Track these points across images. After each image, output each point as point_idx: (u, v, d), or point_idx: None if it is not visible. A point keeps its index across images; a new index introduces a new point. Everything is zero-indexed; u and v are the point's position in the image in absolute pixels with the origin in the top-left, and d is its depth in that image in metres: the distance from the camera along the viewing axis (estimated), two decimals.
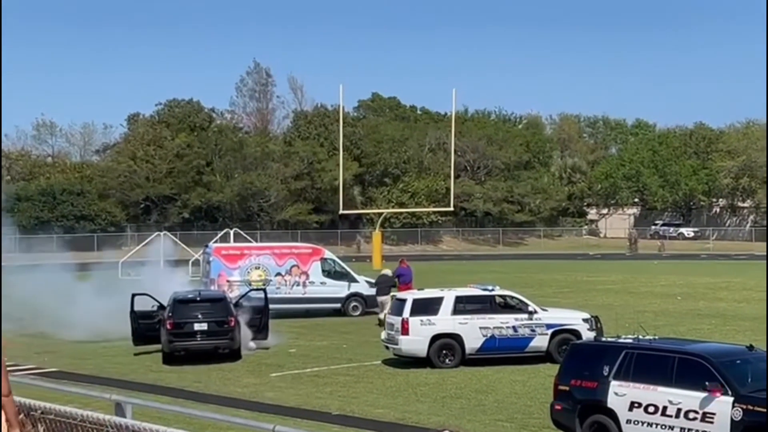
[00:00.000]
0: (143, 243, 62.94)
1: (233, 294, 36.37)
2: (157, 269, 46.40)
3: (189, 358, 30.67)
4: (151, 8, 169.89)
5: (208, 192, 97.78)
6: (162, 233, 65.53)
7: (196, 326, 30.81)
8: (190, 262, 56.06)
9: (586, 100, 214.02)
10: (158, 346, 31.62)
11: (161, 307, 32.28)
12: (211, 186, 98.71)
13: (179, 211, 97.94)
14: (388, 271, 41.48)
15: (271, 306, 33.74)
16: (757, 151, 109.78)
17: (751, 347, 18.66)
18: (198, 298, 32.00)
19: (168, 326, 30.68)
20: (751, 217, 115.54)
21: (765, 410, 16.69)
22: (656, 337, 19.62)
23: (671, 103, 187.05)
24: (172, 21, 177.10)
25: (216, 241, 55.70)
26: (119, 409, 12.40)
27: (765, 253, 72.20)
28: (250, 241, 57.99)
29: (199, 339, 30.78)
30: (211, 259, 43.49)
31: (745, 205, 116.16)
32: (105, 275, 46.04)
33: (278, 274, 43.32)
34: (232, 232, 61.74)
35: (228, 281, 41.74)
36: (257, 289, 35.39)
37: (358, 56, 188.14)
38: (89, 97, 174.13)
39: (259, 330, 33.00)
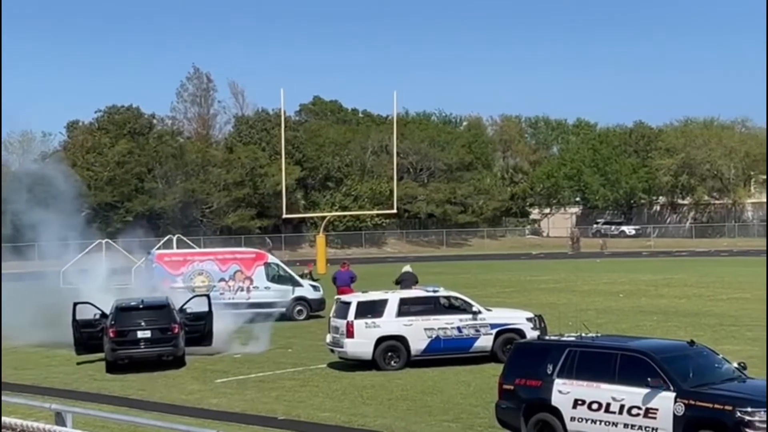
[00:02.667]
0: (85, 251, 62.20)
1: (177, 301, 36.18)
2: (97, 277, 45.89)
3: (133, 366, 30.37)
4: (89, 14, 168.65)
5: (150, 199, 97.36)
6: (104, 241, 65.02)
7: (140, 334, 30.55)
8: (133, 270, 55.43)
9: (527, 101, 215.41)
10: (101, 355, 31.29)
11: (103, 315, 31.98)
12: (152, 193, 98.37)
13: (122, 218, 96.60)
14: (409, 268, 40.75)
15: (215, 312, 33.52)
16: (695, 148, 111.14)
17: (692, 343, 18.84)
18: (141, 306, 31.66)
19: (111, 334, 30.37)
20: (691, 214, 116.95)
21: (707, 405, 16.83)
22: (599, 335, 19.67)
23: (612, 102, 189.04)
24: (110, 26, 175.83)
25: (158, 248, 55.62)
26: (60, 419, 12.26)
27: (703, 251, 72.97)
28: (193, 248, 57.76)
29: (142, 346, 30.51)
30: (154, 265, 43.30)
31: (685, 202, 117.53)
32: (46, 284, 45.37)
33: (222, 279, 43.25)
34: (174, 239, 61.12)
35: (171, 288, 41.20)
36: (201, 296, 35.14)
37: (299, 60, 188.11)
38: (27, 105, 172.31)
39: (204, 336, 32.81)
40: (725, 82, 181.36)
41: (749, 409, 16.40)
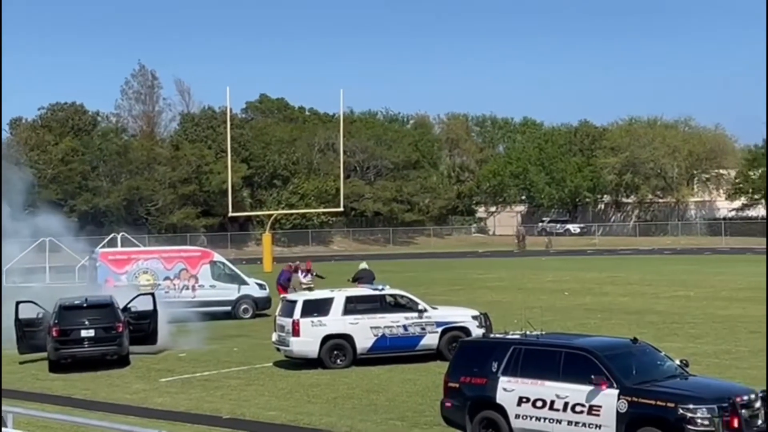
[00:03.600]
0: (28, 249, 61.52)
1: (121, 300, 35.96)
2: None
3: (76, 365, 30.15)
4: (32, 10, 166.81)
5: (94, 197, 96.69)
6: (47, 239, 64.53)
7: (83, 333, 30.39)
8: (77, 268, 54.76)
9: (474, 100, 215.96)
10: (44, 354, 31.04)
11: (47, 314, 31.78)
12: (97, 191, 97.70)
13: (66, 216, 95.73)
14: (366, 265, 40.77)
15: (159, 310, 33.42)
16: (639, 147, 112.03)
17: (635, 340, 19.01)
18: (84, 305, 31.45)
19: (54, 333, 30.18)
20: (635, 212, 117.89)
21: (650, 402, 17.01)
22: (543, 333, 19.80)
23: (558, 101, 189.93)
24: (54, 22, 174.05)
25: (103, 246, 54.74)
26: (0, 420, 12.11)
27: (646, 249, 73.37)
28: (137, 246, 57.42)
29: (86, 346, 30.33)
30: (98, 263, 43.04)
31: (629, 200, 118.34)
32: None
33: (167, 278, 43.17)
34: (119, 237, 60.68)
35: (115, 286, 41.06)
36: (145, 294, 34.98)
37: (246, 58, 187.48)
38: None
39: (148, 335, 32.66)
40: (669, 81, 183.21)
41: (691, 406, 16.63)
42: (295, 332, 28.98)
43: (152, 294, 34.47)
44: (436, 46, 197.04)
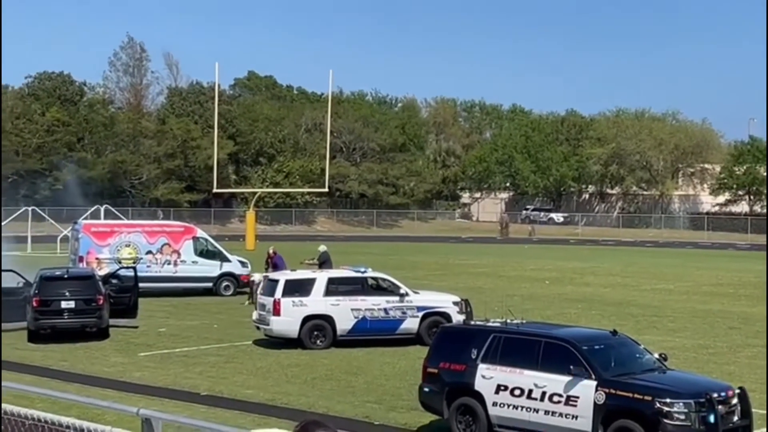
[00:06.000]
0: (10, 218, 61.53)
1: (102, 272, 35.87)
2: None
3: (55, 336, 30.15)
4: None
5: (79, 168, 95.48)
6: (30, 208, 63.45)
7: (63, 304, 30.32)
8: (59, 239, 55.04)
9: (463, 85, 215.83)
10: (23, 324, 31.01)
11: (27, 283, 31.75)
12: (81, 163, 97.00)
13: (50, 186, 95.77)
14: (324, 247, 41.25)
15: (141, 285, 33.52)
16: (625, 139, 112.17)
17: (614, 332, 19.06)
18: (66, 276, 31.47)
19: (34, 303, 30.15)
20: (619, 203, 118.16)
21: (627, 395, 17.06)
22: (524, 321, 19.84)
23: (547, 89, 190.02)
24: None
25: (86, 218, 54.36)
26: None
27: (629, 241, 73.45)
28: (120, 219, 56.98)
29: (66, 317, 30.29)
30: (80, 236, 42.88)
31: (614, 192, 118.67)
32: None
33: (149, 252, 42.96)
34: (102, 209, 60.55)
35: (97, 258, 41.23)
36: (127, 267, 35.11)
37: (235, 34, 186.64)
38: None
39: (129, 309, 32.70)
40: (657, 74, 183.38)
41: (668, 400, 16.67)
42: (276, 311, 28.89)
43: (134, 268, 34.54)
44: (428, 30, 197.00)
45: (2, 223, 53.79)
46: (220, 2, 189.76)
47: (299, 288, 29.41)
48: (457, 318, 28.52)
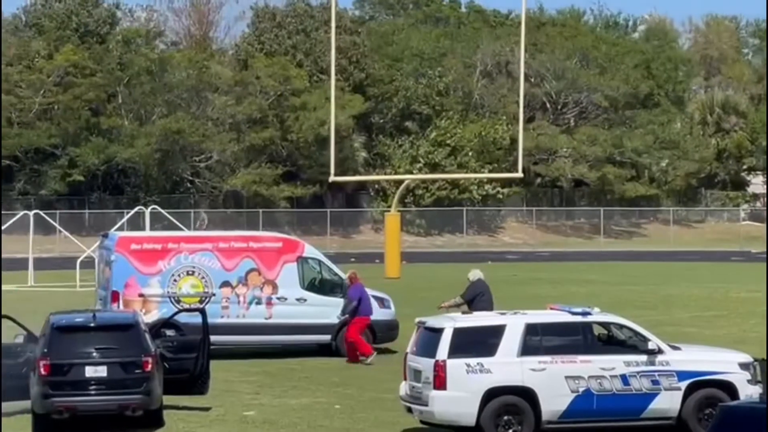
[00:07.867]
0: (3, 226, 53.52)
1: (151, 317, 28.51)
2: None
3: (77, 423, 21.86)
4: None
5: (109, 144, 77.46)
6: (32, 213, 56.78)
7: (89, 371, 22.07)
8: (78, 262, 46.57)
9: None
10: (26, 404, 22.46)
11: (30, 338, 23.10)
12: (114, 134, 78.85)
13: (64, 175, 77.99)
14: (480, 274, 29.92)
15: (213, 338, 24.88)
16: None
17: None
18: (92, 324, 22.99)
19: (42, 370, 21.84)
20: None
21: None
22: None
23: None
24: None
25: (122, 227, 51.74)
26: None
27: None
28: (180, 228, 49.21)
29: (93, 393, 21.95)
30: (113, 258, 32.20)
31: None
32: None
33: (226, 284, 31.69)
34: (147, 212, 53.00)
35: (141, 295, 31.43)
36: (191, 310, 26.82)
37: None
38: None
39: (194, 378, 23.76)
40: None
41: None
42: (439, 382, 20.61)
43: (202, 311, 24.94)
44: None
45: None
46: None
47: (478, 342, 21.08)
48: (748, 391, 20.25)
